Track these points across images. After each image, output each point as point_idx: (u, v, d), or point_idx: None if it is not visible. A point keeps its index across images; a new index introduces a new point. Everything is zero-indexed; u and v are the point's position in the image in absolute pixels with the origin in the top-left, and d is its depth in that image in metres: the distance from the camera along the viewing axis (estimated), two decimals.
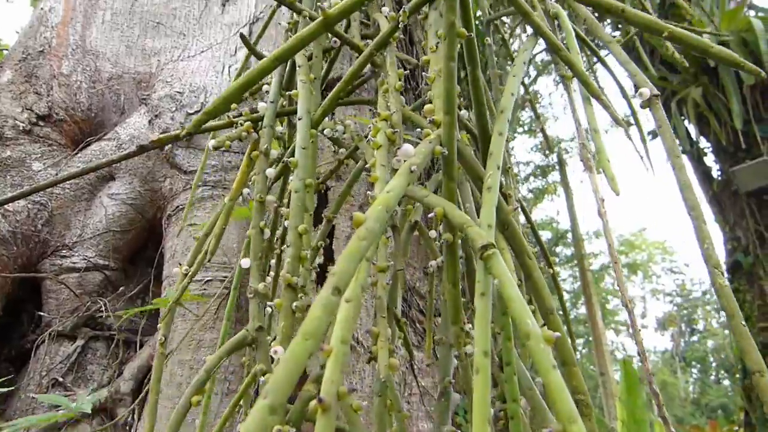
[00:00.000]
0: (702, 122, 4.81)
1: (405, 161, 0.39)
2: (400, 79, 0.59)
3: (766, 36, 4.43)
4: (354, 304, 0.27)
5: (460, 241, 0.51)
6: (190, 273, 0.70)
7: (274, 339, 0.52)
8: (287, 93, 0.73)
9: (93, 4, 1.57)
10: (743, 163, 4.60)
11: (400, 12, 0.55)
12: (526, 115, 6.95)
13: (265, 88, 0.88)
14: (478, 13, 1.46)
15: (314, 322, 0.23)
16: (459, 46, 0.52)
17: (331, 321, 0.25)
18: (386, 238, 0.57)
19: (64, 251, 1.32)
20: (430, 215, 0.61)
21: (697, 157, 5.14)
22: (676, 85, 4.87)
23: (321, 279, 0.94)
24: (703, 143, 5.09)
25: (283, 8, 1.38)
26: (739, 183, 4.58)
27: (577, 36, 0.85)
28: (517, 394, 0.43)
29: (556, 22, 0.83)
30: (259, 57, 0.89)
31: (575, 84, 0.69)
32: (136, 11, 1.56)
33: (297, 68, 0.67)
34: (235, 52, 1.45)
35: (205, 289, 1.14)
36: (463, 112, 0.72)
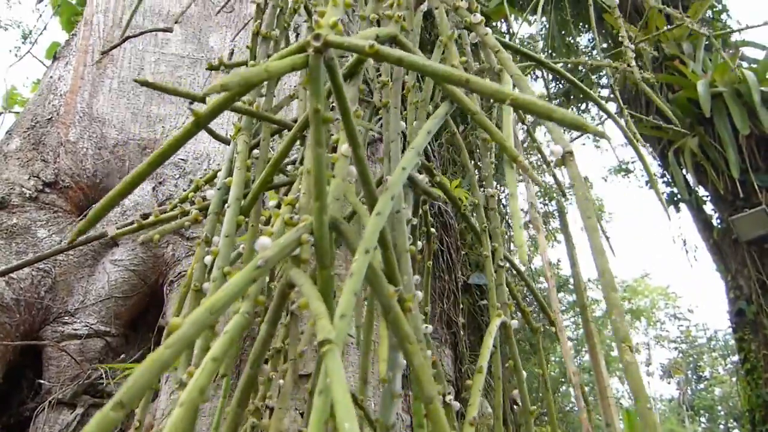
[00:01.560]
0: (699, 171, 4.86)
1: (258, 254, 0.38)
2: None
3: (759, 87, 4.52)
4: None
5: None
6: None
7: None
8: (226, 179, 0.74)
9: (101, 73, 1.62)
10: (742, 211, 4.63)
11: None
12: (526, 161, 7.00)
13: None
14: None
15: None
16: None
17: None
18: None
19: (66, 318, 1.33)
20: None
21: (696, 206, 5.17)
22: (672, 134, 4.94)
23: None
24: (702, 191, 5.13)
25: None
26: (738, 232, 4.60)
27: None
28: None
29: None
30: (219, 139, 0.91)
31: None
32: None
33: (235, 154, 0.67)
34: (241, 118, 1.48)
35: None
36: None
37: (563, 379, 9.86)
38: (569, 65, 6.03)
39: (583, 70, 6.25)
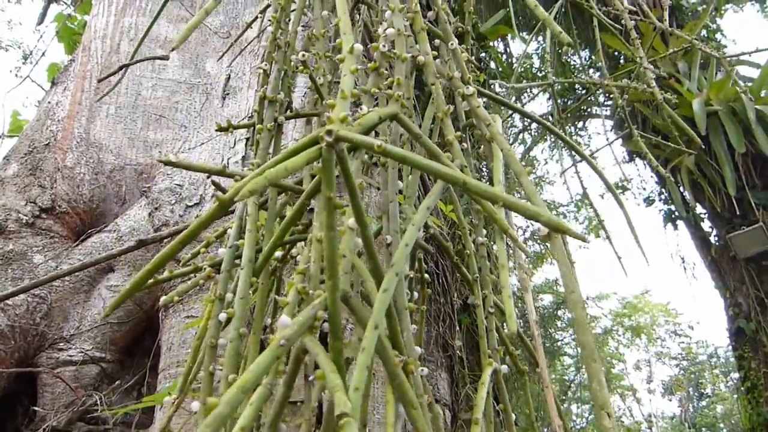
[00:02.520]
0: (696, 189, 4.88)
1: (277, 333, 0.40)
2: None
3: (753, 106, 4.55)
4: None
5: None
6: (176, 402, 0.71)
7: None
8: (238, 241, 0.76)
9: (98, 98, 1.63)
10: (739, 229, 4.63)
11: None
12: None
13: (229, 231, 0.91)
14: None
15: None
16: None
17: None
18: None
19: (61, 344, 1.33)
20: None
21: (694, 223, 5.18)
22: (669, 153, 4.96)
23: None
24: (699, 209, 5.14)
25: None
26: (736, 249, 4.60)
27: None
28: None
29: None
30: (219, 188, 0.93)
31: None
32: (139, 105, 1.63)
33: (245, 217, 0.70)
34: (234, 144, 1.50)
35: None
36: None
37: (564, 397, 9.80)
38: (566, 84, 6.04)
39: (580, 88, 6.30)
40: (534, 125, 6.48)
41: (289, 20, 0.90)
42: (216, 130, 0.79)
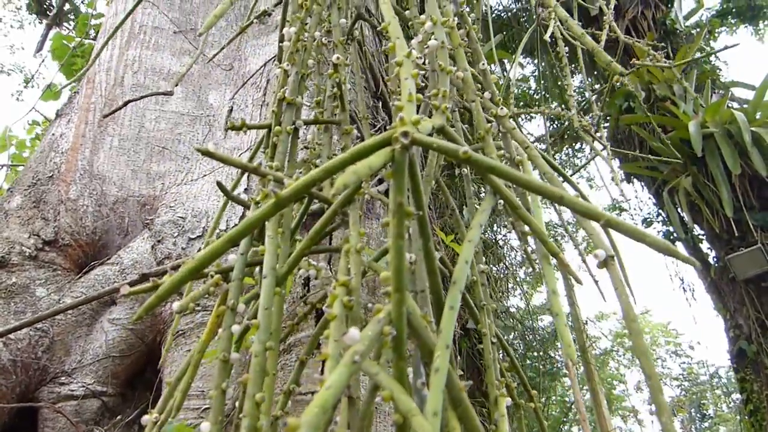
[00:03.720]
0: (694, 210, 4.90)
1: (349, 348, 0.38)
2: (362, 239, 0.61)
3: (749, 128, 4.59)
4: None
5: None
6: (159, 422, 0.70)
7: None
8: (258, 247, 0.74)
9: (102, 130, 1.65)
10: (738, 250, 4.65)
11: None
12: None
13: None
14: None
15: None
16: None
17: None
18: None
19: (63, 378, 1.32)
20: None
21: (692, 245, 5.19)
22: (666, 174, 4.99)
23: None
24: (698, 230, 5.15)
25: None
26: (736, 270, 4.61)
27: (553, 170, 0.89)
28: None
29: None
30: (239, 202, 0.93)
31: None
32: (142, 137, 1.64)
33: (266, 222, 0.67)
34: (237, 176, 1.51)
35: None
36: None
37: (565, 419, 9.71)
38: (560, 106, 6.11)
39: (576, 108, 6.33)
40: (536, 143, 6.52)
41: (307, 23, 0.89)
42: (226, 129, 0.79)
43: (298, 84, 0.76)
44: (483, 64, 0.71)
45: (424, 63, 0.65)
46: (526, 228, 0.71)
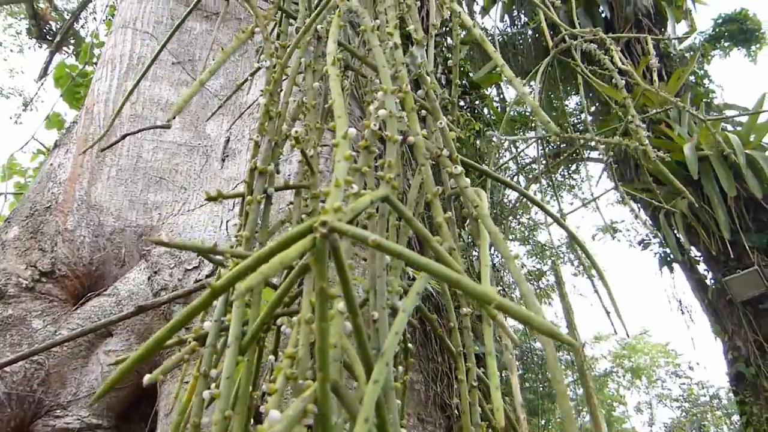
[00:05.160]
0: (691, 232, 4.92)
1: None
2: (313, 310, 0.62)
3: (743, 150, 4.63)
4: None
5: None
6: None
7: None
8: (222, 319, 0.75)
9: (100, 161, 1.66)
10: (735, 272, 4.66)
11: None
12: (517, 221, 7.08)
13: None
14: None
15: None
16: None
17: None
18: None
19: (58, 411, 1.32)
20: None
21: (689, 266, 5.20)
22: (662, 196, 5.01)
23: None
24: (695, 252, 5.17)
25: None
26: (733, 292, 4.61)
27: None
28: None
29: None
30: (213, 262, 0.94)
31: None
32: (140, 167, 1.66)
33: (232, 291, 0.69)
34: (233, 206, 1.52)
35: None
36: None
37: None
38: (557, 129, 6.18)
39: (572, 131, 6.39)
40: (528, 167, 6.54)
41: (281, 90, 0.92)
42: (205, 199, 0.81)
43: (270, 152, 0.79)
44: (441, 122, 0.74)
45: (379, 129, 0.68)
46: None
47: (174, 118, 1.30)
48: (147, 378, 0.73)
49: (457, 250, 0.72)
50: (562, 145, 6.26)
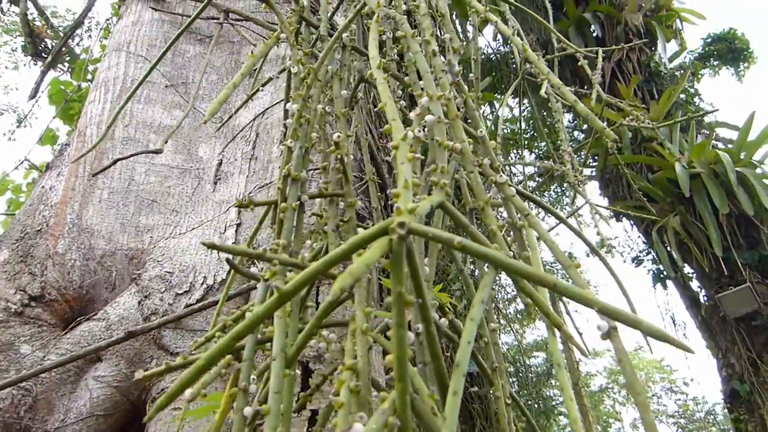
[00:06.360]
0: (683, 249, 4.93)
1: None
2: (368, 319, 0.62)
3: (734, 168, 4.66)
4: None
5: None
6: None
7: None
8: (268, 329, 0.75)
9: (92, 183, 1.66)
10: (728, 289, 4.67)
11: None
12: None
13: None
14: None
15: None
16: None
17: None
18: None
19: None
20: None
21: (682, 283, 5.21)
22: (655, 214, 5.04)
23: None
24: (688, 269, 5.18)
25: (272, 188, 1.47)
26: (726, 309, 4.62)
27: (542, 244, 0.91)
28: None
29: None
30: (247, 275, 0.94)
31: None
32: (132, 189, 1.66)
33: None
34: (225, 230, 1.52)
35: None
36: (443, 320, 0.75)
37: None
38: (550, 144, 6.17)
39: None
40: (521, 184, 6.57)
41: (310, 97, 0.91)
42: (234, 206, 0.80)
43: (302, 159, 0.78)
44: (481, 131, 0.74)
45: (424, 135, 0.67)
46: (528, 300, 0.72)
47: (166, 142, 1.30)
48: (189, 393, 0.71)
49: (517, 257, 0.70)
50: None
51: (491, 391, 0.72)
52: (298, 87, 0.88)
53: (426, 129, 0.68)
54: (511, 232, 0.75)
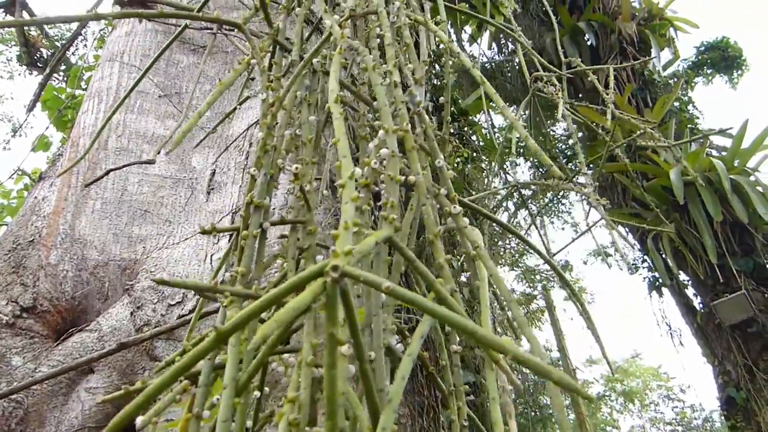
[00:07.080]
0: (678, 257, 4.94)
1: None
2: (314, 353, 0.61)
3: (728, 175, 4.68)
4: None
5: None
6: None
7: None
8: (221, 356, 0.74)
9: (85, 194, 1.66)
10: (723, 296, 4.67)
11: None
12: (508, 246, 7.09)
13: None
14: None
15: None
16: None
17: None
18: None
19: None
20: None
21: (678, 290, 5.22)
22: (650, 221, 5.05)
23: None
24: (683, 276, 5.19)
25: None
26: (721, 316, 4.63)
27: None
28: None
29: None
30: (212, 299, 0.93)
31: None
32: (125, 200, 1.65)
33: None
34: (218, 240, 1.52)
35: None
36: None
37: None
38: (546, 147, 6.22)
39: (561, 157, 6.45)
40: (517, 193, 6.59)
41: (277, 124, 0.92)
42: (200, 233, 0.80)
43: (266, 186, 0.79)
44: (439, 161, 0.74)
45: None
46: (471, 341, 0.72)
47: (159, 152, 1.30)
48: (140, 420, 0.71)
49: (457, 292, 0.71)
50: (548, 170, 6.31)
51: (448, 414, 0.72)
52: (266, 114, 0.89)
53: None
54: (466, 263, 0.75)
